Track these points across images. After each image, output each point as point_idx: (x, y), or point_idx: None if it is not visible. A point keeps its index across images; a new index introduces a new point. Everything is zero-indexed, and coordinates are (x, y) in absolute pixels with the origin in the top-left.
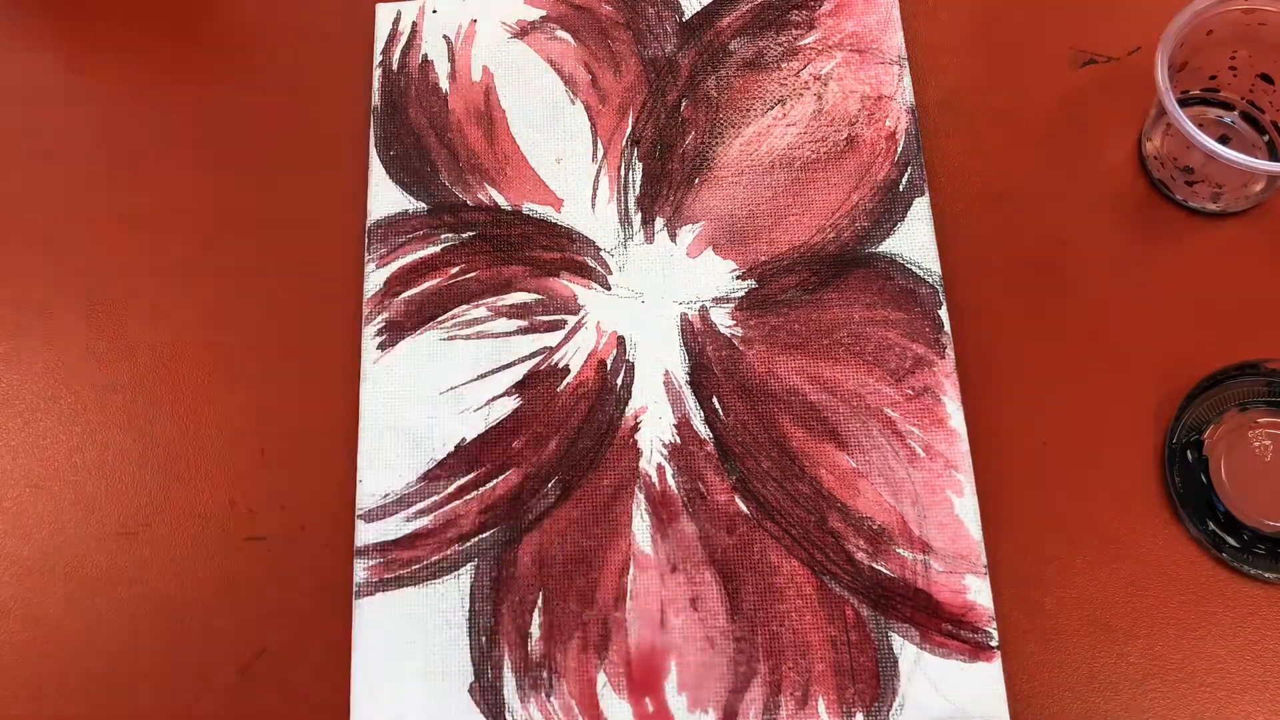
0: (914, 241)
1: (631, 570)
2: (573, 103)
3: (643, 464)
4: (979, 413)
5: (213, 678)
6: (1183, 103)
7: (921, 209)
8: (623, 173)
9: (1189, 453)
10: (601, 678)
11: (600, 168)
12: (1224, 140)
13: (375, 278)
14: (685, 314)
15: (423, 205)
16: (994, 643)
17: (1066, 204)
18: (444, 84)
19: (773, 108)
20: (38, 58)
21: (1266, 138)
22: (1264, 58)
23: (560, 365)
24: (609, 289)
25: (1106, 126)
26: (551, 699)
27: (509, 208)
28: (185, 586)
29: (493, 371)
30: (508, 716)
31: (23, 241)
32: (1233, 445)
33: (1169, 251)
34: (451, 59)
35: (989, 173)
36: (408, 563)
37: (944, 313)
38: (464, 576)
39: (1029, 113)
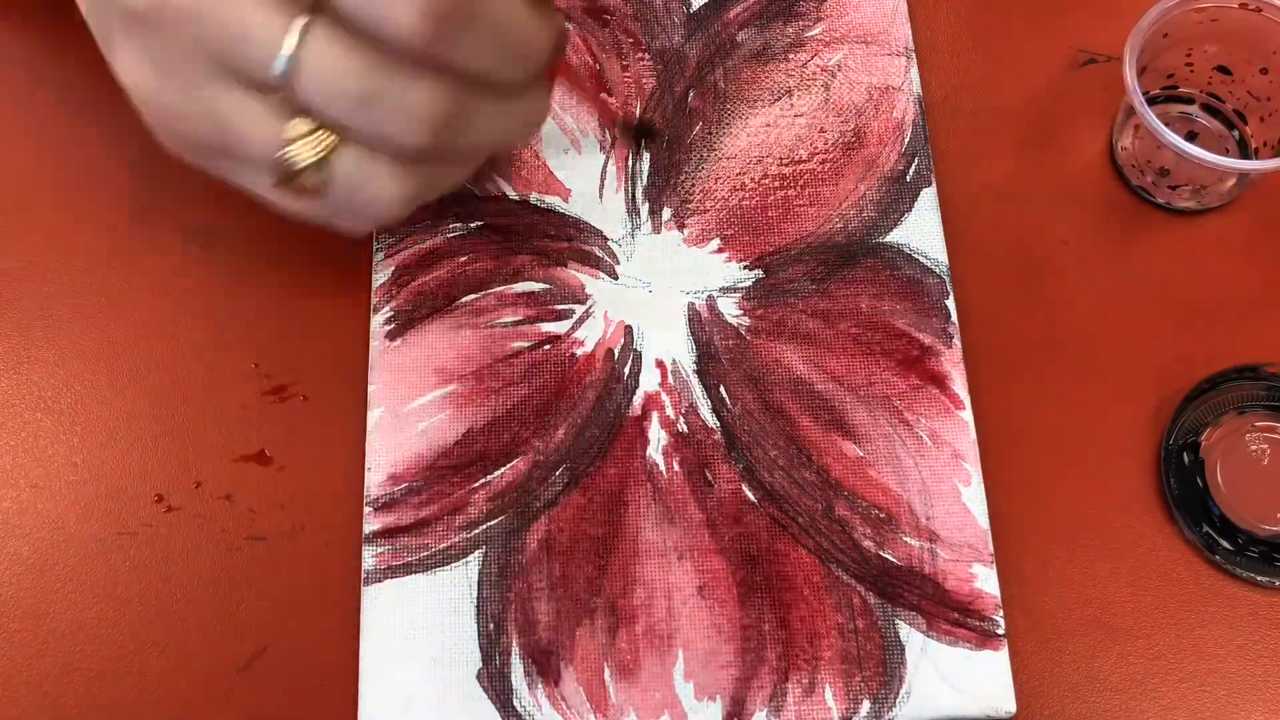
0: (921, 232)
1: (639, 558)
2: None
3: (650, 452)
4: (980, 410)
5: (213, 677)
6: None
7: (929, 199)
8: (630, 163)
9: (1185, 455)
10: (608, 665)
11: (608, 158)
12: (1191, 137)
13: (384, 267)
14: (693, 303)
15: None
16: (1000, 631)
17: (1067, 203)
18: None
19: (780, 99)
20: (38, 55)
21: (1237, 134)
22: (1219, 52)
23: (568, 354)
24: (616, 278)
25: (1107, 126)
26: (559, 686)
27: (516, 197)
28: (185, 586)
29: (501, 360)
30: (515, 703)
31: (23, 241)
32: (1229, 448)
33: (1170, 251)
34: None
35: (990, 170)
36: (416, 550)
37: (951, 303)
38: (472, 564)
39: (1029, 111)
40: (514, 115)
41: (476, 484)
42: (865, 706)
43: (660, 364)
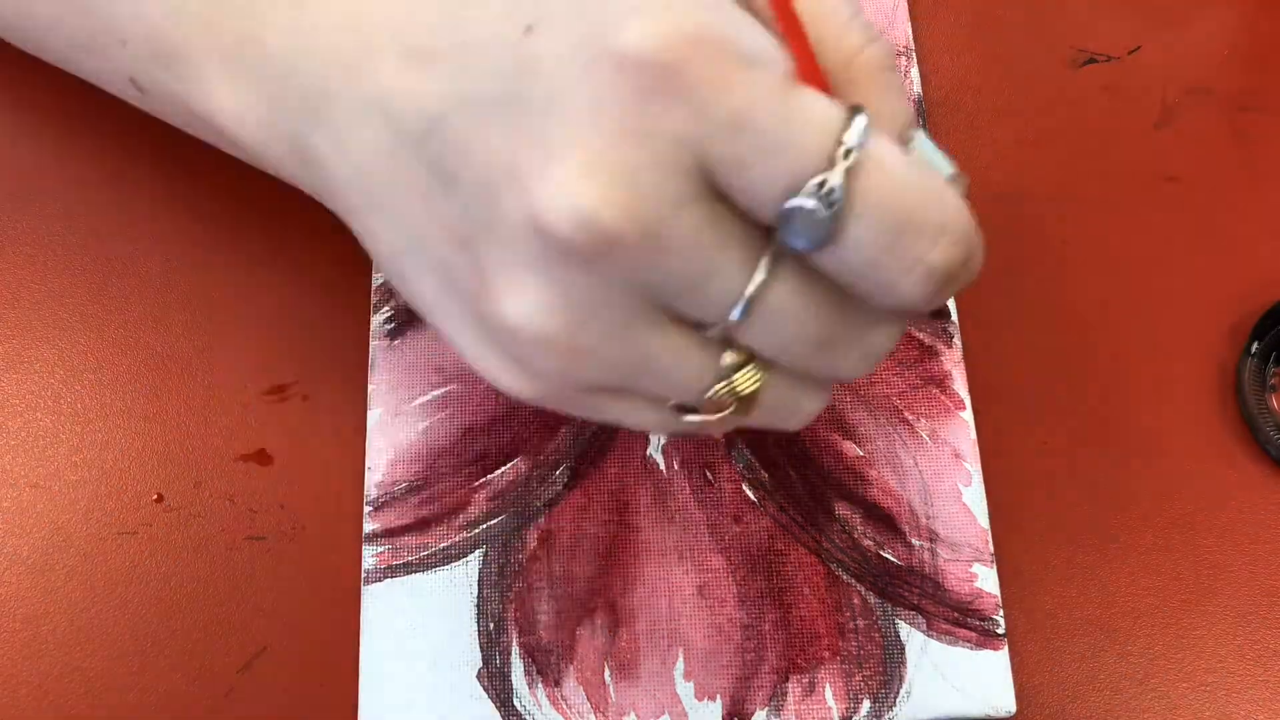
0: None
1: (639, 558)
2: None
3: (650, 452)
4: (980, 410)
5: (213, 677)
6: None
7: None
8: None
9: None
10: (608, 665)
11: None
12: None
13: None
14: None
15: None
16: (1001, 630)
17: (1066, 203)
18: None
19: None
20: (36, 61)
21: None
22: None
23: None
24: None
25: (1106, 126)
26: (559, 686)
27: None
28: (185, 586)
29: None
30: (515, 703)
31: (23, 241)
32: None
33: (1169, 252)
34: None
35: (990, 170)
36: (416, 549)
37: (951, 303)
38: (472, 563)
39: (1029, 111)
40: None
41: (476, 484)
42: (865, 706)
43: None
